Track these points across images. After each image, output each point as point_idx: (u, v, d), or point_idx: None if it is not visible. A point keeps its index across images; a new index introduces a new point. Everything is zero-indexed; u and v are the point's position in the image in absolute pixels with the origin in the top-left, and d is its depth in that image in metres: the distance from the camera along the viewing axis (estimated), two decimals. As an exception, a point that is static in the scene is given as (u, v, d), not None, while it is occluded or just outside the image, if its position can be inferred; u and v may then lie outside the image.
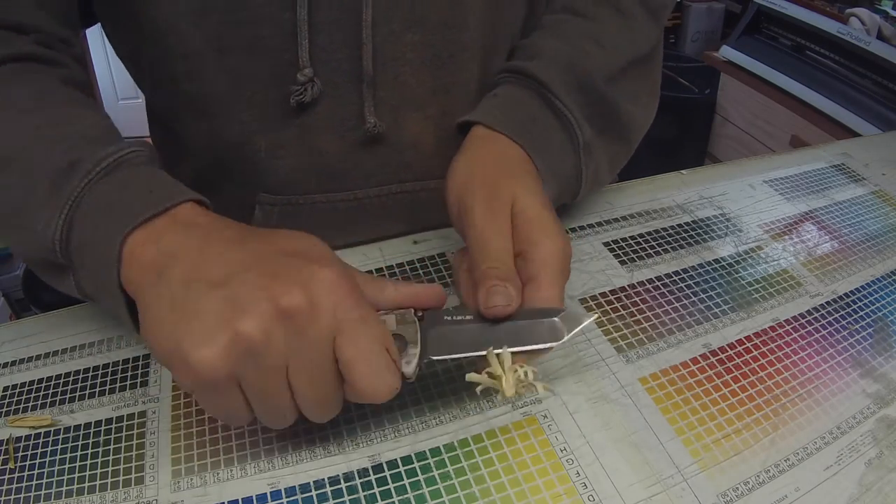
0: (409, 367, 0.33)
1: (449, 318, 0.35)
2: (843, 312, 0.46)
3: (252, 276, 0.29)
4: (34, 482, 0.35)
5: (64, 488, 0.34)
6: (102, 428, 0.37)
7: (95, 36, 2.31)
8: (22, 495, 0.34)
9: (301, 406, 0.31)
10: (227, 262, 0.30)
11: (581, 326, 0.35)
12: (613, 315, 0.44)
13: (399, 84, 0.48)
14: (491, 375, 0.34)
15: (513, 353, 0.34)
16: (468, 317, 0.35)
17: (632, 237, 0.52)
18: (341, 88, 0.47)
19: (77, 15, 0.46)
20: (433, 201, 0.53)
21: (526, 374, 0.33)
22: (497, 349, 0.34)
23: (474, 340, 0.35)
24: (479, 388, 0.35)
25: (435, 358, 0.34)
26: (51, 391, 0.40)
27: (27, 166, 0.36)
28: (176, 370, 0.29)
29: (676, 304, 0.46)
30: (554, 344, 0.35)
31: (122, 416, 0.38)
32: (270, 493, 0.34)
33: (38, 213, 0.35)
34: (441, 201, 0.42)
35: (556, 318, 0.35)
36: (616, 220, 0.54)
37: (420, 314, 0.35)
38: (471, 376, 0.34)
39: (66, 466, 0.35)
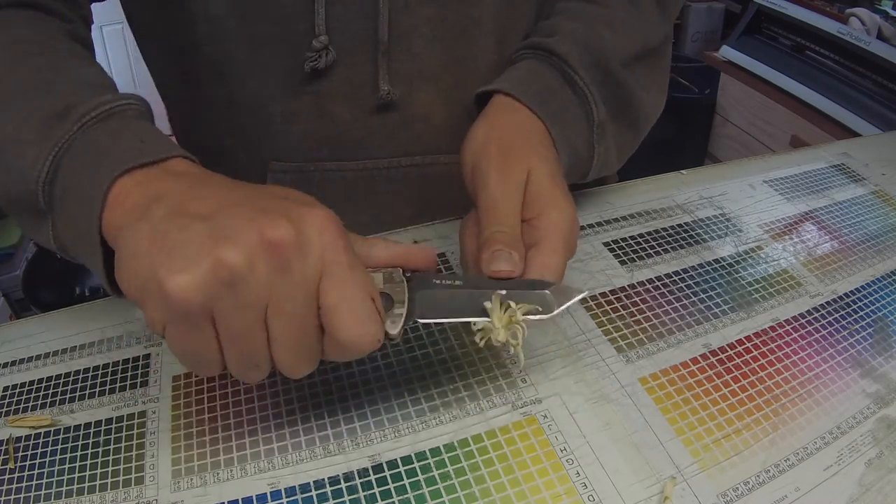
0: (395, 327, 0.32)
1: (438, 281, 0.34)
2: (843, 312, 0.46)
3: (240, 210, 0.28)
4: (34, 482, 0.35)
5: (64, 488, 0.34)
6: (102, 428, 0.37)
7: (96, 36, 2.31)
8: (22, 495, 0.34)
9: (276, 355, 0.29)
10: (216, 198, 0.29)
11: (572, 301, 0.34)
12: (613, 315, 0.44)
13: (412, 56, 0.49)
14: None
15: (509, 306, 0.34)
16: (458, 282, 0.34)
17: (632, 237, 0.52)
18: (356, 57, 0.48)
19: None
20: (441, 177, 0.53)
21: (518, 322, 0.34)
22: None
23: (463, 306, 0.34)
24: (478, 337, 0.34)
25: (421, 321, 0.33)
26: (51, 391, 0.40)
27: (23, 105, 0.35)
28: (149, 302, 0.28)
29: (676, 304, 0.46)
30: (547, 316, 0.34)
31: (122, 416, 0.38)
32: (270, 493, 0.34)
33: (27, 152, 0.34)
34: (449, 177, 0.43)
35: (546, 291, 0.34)
36: (616, 220, 0.54)
37: (408, 275, 0.34)
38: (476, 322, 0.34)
39: (66, 466, 0.35)
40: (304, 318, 0.29)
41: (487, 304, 0.34)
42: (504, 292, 0.34)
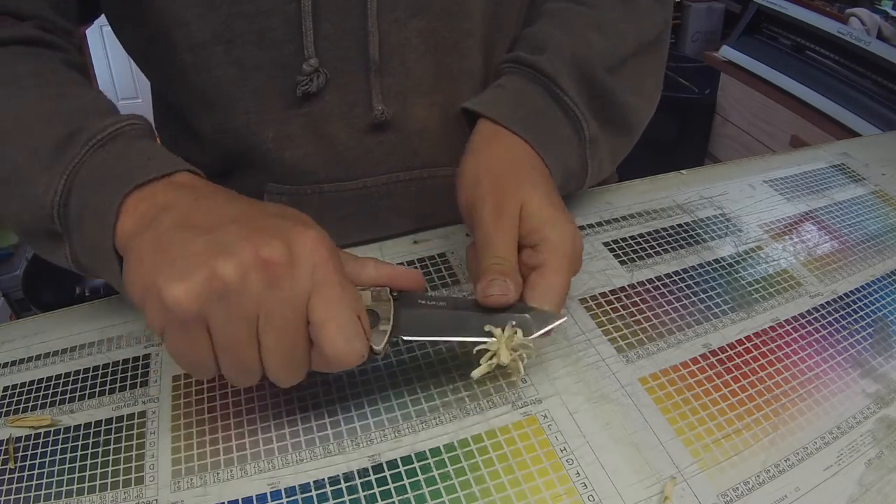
0: (380, 343, 0.34)
1: (423, 301, 0.36)
2: (843, 312, 0.46)
3: (238, 227, 0.30)
4: (34, 482, 0.35)
5: (64, 488, 0.34)
6: (102, 428, 0.37)
7: (95, 36, 2.31)
8: (22, 495, 0.34)
9: (266, 364, 0.31)
10: (217, 213, 0.31)
11: (549, 328, 0.36)
12: (613, 315, 0.44)
13: (405, 71, 0.48)
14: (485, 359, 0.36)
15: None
16: (441, 303, 0.37)
17: (632, 237, 0.52)
18: (348, 76, 0.47)
19: (75, 7, 0.47)
20: (440, 189, 0.53)
21: (518, 340, 0.35)
22: (475, 336, 0.36)
23: (446, 326, 0.36)
24: (483, 360, 0.36)
25: (406, 338, 0.35)
26: (51, 391, 0.40)
27: (29, 135, 0.37)
28: (149, 306, 0.29)
29: (676, 304, 0.46)
30: (530, 338, 0.36)
31: (122, 416, 0.38)
32: (270, 493, 0.34)
33: (39, 179, 0.36)
34: (447, 190, 0.43)
35: (526, 315, 0.36)
36: (616, 220, 0.54)
37: (396, 294, 0.36)
38: (475, 373, 0.36)
39: (66, 466, 0.35)
40: (294, 331, 0.30)
41: (492, 328, 0.36)
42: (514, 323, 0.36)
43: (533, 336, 0.35)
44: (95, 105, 0.39)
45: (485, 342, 0.36)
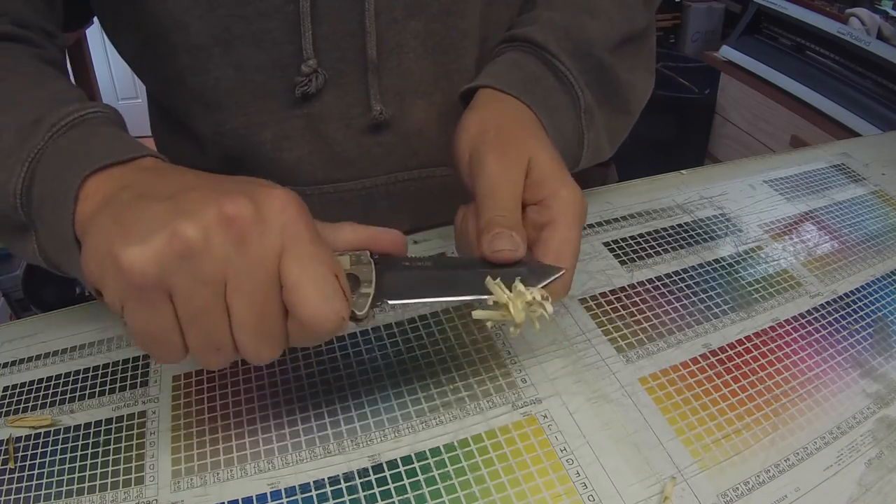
0: (363, 307, 0.31)
1: (408, 262, 0.34)
2: (843, 312, 0.46)
3: (202, 191, 0.28)
4: (34, 482, 0.35)
5: (64, 488, 0.34)
6: (102, 428, 0.37)
7: (95, 36, 2.31)
8: (22, 495, 0.34)
9: (237, 336, 0.28)
10: (179, 182, 0.29)
11: (551, 279, 0.33)
12: (613, 315, 0.44)
13: (403, 71, 0.48)
14: (496, 306, 0.33)
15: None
16: (428, 262, 0.34)
17: (632, 237, 0.52)
18: (346, 77, 0.47)
19: (59, 12, 0.46)
20: (440, 189, 0.53)
21: (534, 297, 0.32)
22: (469, 294, 0.33)
23: (432, 285, 0.33)
24: (489, 324, 0.34)
25: (392, 302, 0.32)
26: (51, 391, 0.40)
27: None
28: (107, 279, 0.27)
29: (676, 304, 0.46)
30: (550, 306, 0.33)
31: (122, 416, 0.38)
32: (270, 493, 0.34)
33: (1, 168, 0.34)
34: (447, 189, 0.42)
35: (522, 268, 0.33)
36: (616, 220, 0.54)
37: (376, 258, 0.33)
38: (477, 313, 0.33)
39: (66, 466, 0.35)
40: (265, 296, 0.28)
41: (493, 285, 0.32)
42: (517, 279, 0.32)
43: (533, 290, 0.32)
44: (62, 94, 0.38)
45: (484, 299, 0.32)
